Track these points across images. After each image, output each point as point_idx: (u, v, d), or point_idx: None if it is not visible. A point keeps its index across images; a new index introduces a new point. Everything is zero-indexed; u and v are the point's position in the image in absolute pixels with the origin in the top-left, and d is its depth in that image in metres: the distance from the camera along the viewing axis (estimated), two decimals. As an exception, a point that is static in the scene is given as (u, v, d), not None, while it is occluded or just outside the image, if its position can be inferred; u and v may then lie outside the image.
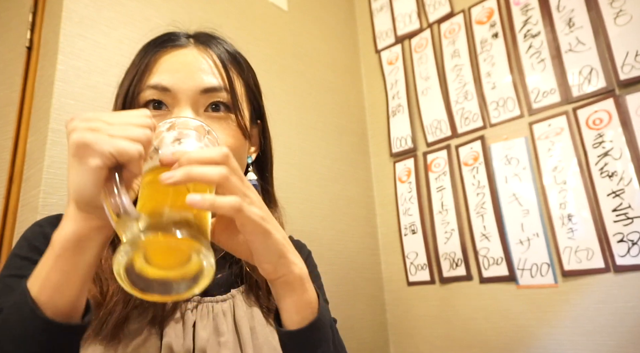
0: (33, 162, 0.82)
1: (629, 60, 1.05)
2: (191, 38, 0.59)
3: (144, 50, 0.58)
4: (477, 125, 1.30)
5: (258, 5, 1.32)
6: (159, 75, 0.54)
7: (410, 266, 1.38)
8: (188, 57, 0.56)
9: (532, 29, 1.23)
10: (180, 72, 0.54)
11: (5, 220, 0.83)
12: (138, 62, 0.57)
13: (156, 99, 0.53)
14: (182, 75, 0.54)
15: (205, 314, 0.52)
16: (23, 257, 0.51)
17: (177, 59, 0.55)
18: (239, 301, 0.56)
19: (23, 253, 0.51)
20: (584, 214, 1.07)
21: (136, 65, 0.57)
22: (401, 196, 1.45)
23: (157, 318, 0.49)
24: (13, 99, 0.90)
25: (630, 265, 0.98)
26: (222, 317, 0.53)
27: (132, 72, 0.57)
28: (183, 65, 0.55)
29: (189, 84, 0.53)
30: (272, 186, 0.66)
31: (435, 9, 1.46)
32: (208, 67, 0.56)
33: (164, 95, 0.53)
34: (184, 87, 0.53)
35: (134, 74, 0.56)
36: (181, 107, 0.52)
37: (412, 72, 1.50)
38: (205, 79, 0.54)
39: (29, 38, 0.92)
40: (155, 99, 0.53)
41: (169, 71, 0.54)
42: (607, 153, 1.05)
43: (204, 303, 0.53)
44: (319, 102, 1.43)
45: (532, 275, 1.13)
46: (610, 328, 1.00)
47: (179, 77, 0.53)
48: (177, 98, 0.53)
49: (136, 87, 0.54)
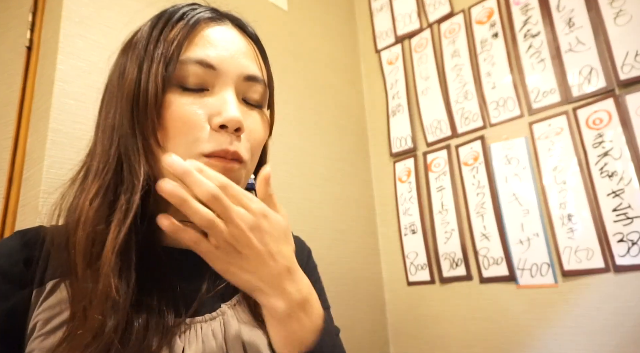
0: (33, 162, 0.82)
1: (629, 60, 1.05)
2: (226, 17, 0.53)
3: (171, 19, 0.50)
4: (477, 125, 1.30)
5: (258, 5, 1.32)
6: (203, 49, 0.48)
7: (410, 266, 1.38)
8: (231, 36, 0.50)
9: (532, 29, 1.23)
10: (227, 50, 0.49)
11: (5, 220, 0.82)
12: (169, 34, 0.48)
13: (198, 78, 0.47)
14: (229, 55, 0.48)
15: (194, 338, 0.46)
16: None
17: (219, 35, 0.49)
18: (229, 317, 0.50)
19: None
20: (584, 214, 1.07)
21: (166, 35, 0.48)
22: (401, 196, 1.45)
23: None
24: (13, 99, 0.90)
25: (630, 265, 0.99)
26: (211, 339, 0.47)
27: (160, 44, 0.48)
28: (228, 44, 0.49)
29: (236, 66, 0.49)
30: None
31: (435, 9, 1.46)
32: (251, 54, 0.51)
33: (207, 74, 0.47)
34: (231, 69, 0.48)
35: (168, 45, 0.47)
36: (226, 90, 0.48)
37: (412, 72, 1.50)
38: (251, 66, 0.50)
39: (28, 38, 0.92)
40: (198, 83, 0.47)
41: (213, 45, 0.48)
42: (607, 153, 1.05)
43: (192, 324, 0.47)
44: (319, 102, 1.43)
45: (532, 275, 1.13)
46: (611, 328, 1.00)
47: (225, 56, 0.48)
48: (221, 79, 0.48)
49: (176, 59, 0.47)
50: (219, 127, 0.46)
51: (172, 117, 0.46)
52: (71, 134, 0.81)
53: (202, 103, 0.47)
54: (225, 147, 0.46)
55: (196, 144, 0.46)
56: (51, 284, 0.44)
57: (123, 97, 0.48)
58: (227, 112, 0.46)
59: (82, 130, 0.83)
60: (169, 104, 0.46)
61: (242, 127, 0.47)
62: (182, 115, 0.46)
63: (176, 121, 0.46)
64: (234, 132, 0.47)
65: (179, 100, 0.47)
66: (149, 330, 0.43)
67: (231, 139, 0.46)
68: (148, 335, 0.43)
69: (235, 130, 0.47)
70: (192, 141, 0.46)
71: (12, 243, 0.46)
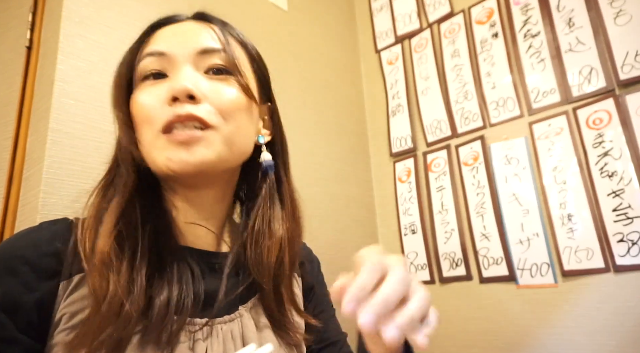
0: (33, 162, 0.82)
1: (629, 60, 1.05)
2: (190, 18, 0.58)
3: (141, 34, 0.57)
4: (477, 125, 1.30)
5: (258, 5, 1.32)
6: (155, 44, 0.52)
7: (410, 266, 1.38)
8: (183, 26, 0.54)
9: (532, 29, 1.23)
10: (177, 36, 0.52)
11: (5, 220, 0.82)
12: (134, 43, 0.55)
13: (155, 69, 0.51)
14: (179, 39, 0.52)
15: (216, 339, 0.48)
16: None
17: (173, 29, 0.54)
18: (246, 320, 0.52)
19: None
20: (584, 214, 1.07)
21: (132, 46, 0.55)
22: (401, 196, 1.45)
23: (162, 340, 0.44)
24: (13, 99, 0.90)
25: (630, 265, 0.98)
26: (230, 341, 0.49)
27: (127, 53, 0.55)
28: (180, 32, 0.53)
29: (185, 46, 0.51)
30: (287, 176, 0.61)
31: (435, 9, 1.46)
32: (206, 32, 0.54)
33: (161, 61, 0.51)
34: (180, 50, 0.51)
35: (132, 48, 0.55)
36: (180, 68, 0.50)
37: (412, 72, 1.50)
38: (203, 41, 0.52)
39: (28, 38, 0.92)
40: (154, 69, 0.51)
41: (165, 38, 0.53)
42: (607, 153, 1.05)
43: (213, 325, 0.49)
44: (319, 102, 1.43)
45: (532, 275, 1.13)
46: (610, 328, 1.00)
47: (175, 41, 0.52)
48: (174, 61, 0.50)
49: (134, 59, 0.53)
50: (171, 100, 0.48)
51: (136, 110, 0.50)
52: (71, 134, 0.81)
53: (161, 88, 0.49)
54: (169, 119, 0.47)
55: (155, 124, 0.48)
56: (78, 277, 0.45)
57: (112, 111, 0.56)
58: (176, 83, 0.48)
59: (82, 130, 0.83)
60: (135, 99, 0.51)
61: (193, 93, 0.48)
62: (142, 104, 0.50)
63: (140, 111, 0.50)
64: (188, 100, 0.48)
65: (141, 93, 0.51)
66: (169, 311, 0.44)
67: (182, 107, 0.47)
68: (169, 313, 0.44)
69: (189, 98, 0.48)
70: (152, 124, 0.48)
71: (39, 235, 0.46)
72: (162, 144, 0.48)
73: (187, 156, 0.47)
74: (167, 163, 0.47)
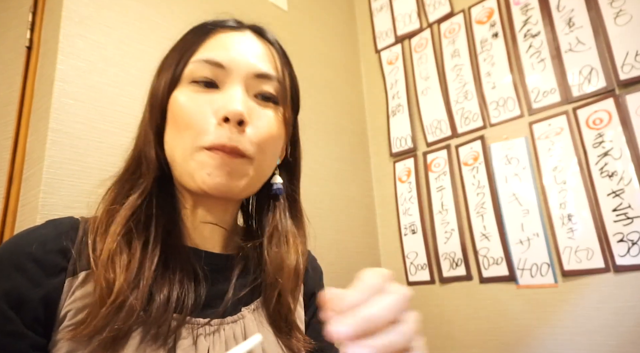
0: (33, 162, 0.82)
1: (629, 60, 1.05)
2: (248, 28, 0.57)
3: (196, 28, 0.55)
4: (477, 125, 1.30)
5: (258, 5, 1.32)
6: (214, 50, 0.51)
7: (410, 266, 1.38)
8: (245, 40, 0.54)
9: (532, 29, 1.23)
10: (237, 51, 0.52)
11: (5, 220, 0.82)
12: (190, 38, 0.54)
13: (208, 78, 0.51)
14: (238, 55, 0.51)
15: (218, 339, 0.49)
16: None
17: (233, 39, 0.53)
18: (249, 321, 0.52)
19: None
20: (584, 214, 1.07)
21: (187, 41, 0.54)
22: (401, 196, 1.45)
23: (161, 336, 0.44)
24: (13, 99, 0.90)
25: (630, 265, 0.98)
26: (233, 342, 0.49)
27: (180, 46, 0.54)
28: (240, 45, 0.53)
29: (244, 64, 0.51)
30: (298, 195, 0.64)
31: (435, 9, 1.46)
32: (264, 54, 0.54)
33: (216, 72, 0.50)
34: (239, 66, 0.51)
35: (185, 48, 0.53)
36: (233, 86, 0.50)
37: (412, 72, 1.50)
38: (261, 65, 0.53)
39: (28, 38, 0.92)
40: (208, 78, 0.50)
41: (225, 48, 0.52)
42: (607, 153, 1.05)
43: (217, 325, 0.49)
44: (319, 102, 1.43)
45: (532, 275, 1.13)
46: (610, 328, 1.00)
47: (234, 56, 0.51)
48: (230, 76, 0.50)
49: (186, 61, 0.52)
50: (223, 120, 0.48)
51: (179, 112, 0.50)
52: (71, 134, 0.81)
53: (209, 98, 0.50)
54: (222, 142, 0.48)
55: (199, 137, 0.49)
56: (83, 274, 0.45)
57: (147, 101, 0.55)
58: (230, 105, 0.48)
59: (82, 130, 0.83)
60: (176, 100, 0.51)
61: (244, 119, 0.48)
62: (187, 110, 0.49)
63: (182, 116, 0.50)
64: (236, 126, 0.48)
65: (187, 97, 0.50)
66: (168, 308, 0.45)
67: (231, 133, 0.48)
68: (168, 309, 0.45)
69: (239, 123, 0.48)
70: (195, 134, 0.49)
71: (46, 232, 0.47)
72: (204, 160, 0.48)
73: (225, 181, 0.48)
74: (205, 179, 0.48)
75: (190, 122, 0.49)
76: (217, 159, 0.48)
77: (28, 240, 0.45)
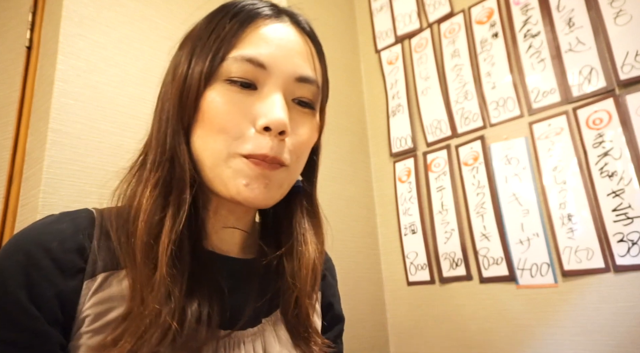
0: (33, 162, 0.82)
1: (629, 60, 1.05)
2: (284, 14, 0.51)
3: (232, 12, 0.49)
4: (477, 125, 1.30)
5: (258, 5, 1.32)
6: (255, 47, 0.46)
7: (410, 266, 1.38)
8: (286, 34, 0.49)
9: (532, 29, 1.23)
10: (280, 49, 0.47)
11: (4, 220, 0.83)
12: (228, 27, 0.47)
13: (247, 79, 0.46)
14: (282, 54, 0.47)
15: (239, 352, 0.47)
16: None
17: (274, 33, 0.48)
18: (268, 333, 0.50)
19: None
20: (584, 214, 1.07)
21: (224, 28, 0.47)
22: (401, 196, 1.45)
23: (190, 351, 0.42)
24: (13, 99, 0.90)
25: (630, 265, 0.98)
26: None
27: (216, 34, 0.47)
28: (282, 42, 0.48)
29: (287, 66, 0.47)
30: (315, 193, 0.61)
31: (435, 9, 1.46)
32: (306, 54, 0.50)
33: (257, 73, 0.46)
34: (282, 68, 0.46)
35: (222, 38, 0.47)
36: (274, 91, 0.46)
37: (412, 72, 1.50)
38: (304, 68, 0.48)
39: (28, 38, 0.92)
40: (246, 78, 0.46)
41: (267, 44, 0.47)
42: (607, 153, 1.05)
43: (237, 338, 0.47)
44: (319, 102, 1.43)
45: (532, 275, 1.13)
46: (610, 328, 1.00)
47: (278, 55, 0.47)
48: (271, 78, 0.46)
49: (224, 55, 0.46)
50: (263, 129, 0.45)
51: (214, 113, 0.45)
52: (71, 134, 0.81)
53: (248, 102, 0.46)
54: (264, 152, 0.45)
55: (236, 143, 0.45)
56: (102, 277, 0.43)
57: (173, 92, 0.48)
58: (273, 114, 0.44)
59: (82, 130, 0.83)
60: (212, 99, 0.46)
61: (286, 130, 0.45)
62: (223, 113, 0.45)
63: (217, 118, 0.45)
64: (277, 135, 0.45)
65: (223, 97, 0.46)
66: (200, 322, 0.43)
67: (273, 143, 0.45)
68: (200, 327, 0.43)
69: (280, 133, 0.45)
70: (232, 139, 0.45)
71: (64, 227, 0.44)
72: (241, 169, 0.45)
73: (262, 194, 0.45)
74: (241, 190, 0.45)
75: (226, 126, 0.45)
76: (256, 170, 0.45)
77: (46, 236, 0.42)
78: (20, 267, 0.40)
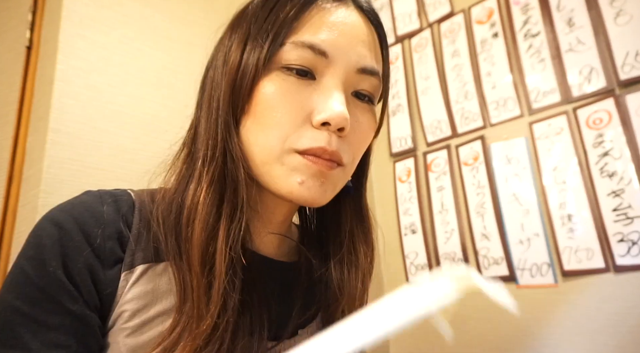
0: (33, 162, 0.82)
1: (629, 60, 1.05)
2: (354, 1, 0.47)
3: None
4: (477, 125, 1.30)
5: (258, 5, 1.32)
6: (318, 32, 0.42)
7: (410, 266, 1.38)
8: (351, 19, 0.44)
9: (532, 29, 1.23)
10: (345, 36, 0.43)
11: (4, 219, 0.83)
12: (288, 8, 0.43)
13: (306, 67, 0.42)
14: (345, 42, 0.43)
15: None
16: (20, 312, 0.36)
17: (338, 18, 0.44)
18: None
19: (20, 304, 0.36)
20: (584, 214, 1.07)
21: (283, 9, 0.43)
22: (401, 196, 1.44)
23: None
24: (13, 99, 0.90)
25: (630, 265, 0.98)
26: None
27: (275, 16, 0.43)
28: (346, 28, 0.43)
29: (351, 55, 0.43)
30: (365, 195, 0.57)
31: (435, 9, 1.46)
32: (369, 42, 0.45)
33: (317, 61, 0.42)
34: (344, 58, 0.43)
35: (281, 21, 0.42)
36: (335, 82, 0.42)
37: (412, 71, 1.50)
38: (367, 58, 0.44)
39: (28, 37, 0.92)
40: (305, 66, 0.42)
41: (330, 30, 0.43)
42: (607, 153, 1.05)
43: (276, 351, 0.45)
44: (319, 102, 1.42)
45: (532, 275, 1.13)
46: (611, 328, 1.00)
47: (342, 43, 0.43)
48: (331, 68, 0.42)
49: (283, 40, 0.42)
50: (321, 124, 0.41)
51: (267, 105, 0.42)
52: (71, 134, 0.81)
53: (305, 93, 0.42)
54: (322, 145, 0.41)
55: (291, 137, 0.42)
56: (141, 269, 0.40)
57: (225, 79, 0.44)
58: (332, 109, 0.41)
59: (82, 130, 0.83)
60: (267, 90, 0.42)
61: (346, 126, 0.42)
62: (278, 105, 0.42)
63: (271, 110, 0.42)
64: (336, 132, 0.42)
65: (278, 88, 0.42)
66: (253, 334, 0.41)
67: (331, 138, 0.42)
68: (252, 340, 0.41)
69: (339, 129, 0.42)
70: (286, 134, 0.42)
71: (107, 210, 0.41)
72: (296, 166, 0.41)
73: (318, 193, 0.42)
74: (294, 188, 0.42)
75: (280, 120, 0.41)
76: (313, 168, 0.41)
77: (85, 218, 0.39)
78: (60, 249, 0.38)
